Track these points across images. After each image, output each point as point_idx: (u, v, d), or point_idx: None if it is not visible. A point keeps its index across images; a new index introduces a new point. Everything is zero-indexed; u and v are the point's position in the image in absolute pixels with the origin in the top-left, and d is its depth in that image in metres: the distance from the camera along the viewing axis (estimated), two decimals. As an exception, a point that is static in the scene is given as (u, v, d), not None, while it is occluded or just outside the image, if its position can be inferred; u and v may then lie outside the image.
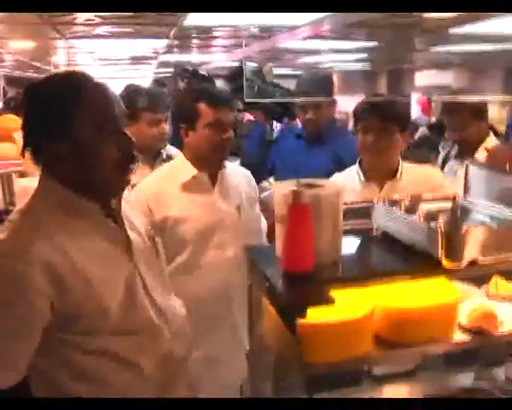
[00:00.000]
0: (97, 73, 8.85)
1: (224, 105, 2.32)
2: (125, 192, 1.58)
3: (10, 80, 10.48)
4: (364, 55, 6.85)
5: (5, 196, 2.44)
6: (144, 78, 8.34)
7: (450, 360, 2.47)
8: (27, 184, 2.38)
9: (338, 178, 2.45)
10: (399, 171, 2.39)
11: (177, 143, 2.60)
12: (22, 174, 2.56)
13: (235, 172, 2.49)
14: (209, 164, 2.35)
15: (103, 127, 1.43)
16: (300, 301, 1.32)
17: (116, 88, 1.76)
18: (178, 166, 2.38)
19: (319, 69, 3.52)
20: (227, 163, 2.45)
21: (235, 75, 3.32)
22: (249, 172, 2.61)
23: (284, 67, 8.52)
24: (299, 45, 5.24)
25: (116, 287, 1.47)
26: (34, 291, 1.34)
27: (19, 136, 2.75)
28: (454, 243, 1.47)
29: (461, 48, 5.86)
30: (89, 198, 1.46)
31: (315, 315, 1.40)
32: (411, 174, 2.39)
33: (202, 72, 3.63)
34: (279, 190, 1.52)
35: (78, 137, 1.41)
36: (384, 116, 2.35)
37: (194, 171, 2.33)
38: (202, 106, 2.31)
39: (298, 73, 10.83)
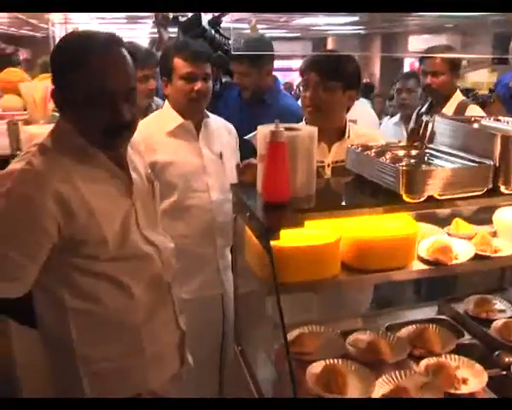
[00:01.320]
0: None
1: (197, 58, 2.45)
2: (132, 139, 1.78)
3: (5, 37, 10.55)
4: (357, 19, 6.99)
5: (12, 143, 2.61)
6: (140, 38, 8.43)
7: (418, 296, 2.72)
8: (34, 131, 2.57)
9: None
10: (347, 131, 2.36)
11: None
12: (27, 122, 2.73)
13: (216, 122, 2.65)
14: (189, 113, 2.50)
15: (110, 87, 1.59)
16: (274, 224, 1.53)
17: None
18: (166, 115, 2.54)
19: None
20: (209, 114, 2.60)
21: (190, 25, 3.20)
22: (230, 124, 2.74)
23: (278, 29, 8.61)
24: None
25: (114, 220, 1.68)
26: (45, 215, 1.55)
27: (25, 87, 2.93)
28: (413, 180, 1.67)
29: (452, 13, 6.00)
30: (94, 143, 1.65)
31: (288, 240, 1.62)
32: (358, 135, 2.38)
33: (182, 18, 3.56)
34: (261, 131, 1.72)
35: (87, 91, 1.58)
36: (322, 72, 2.26)
37: (180, 119, 2.49)
38: (177, 60, 2.45)
39: (291, 35, 10.84)
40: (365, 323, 2.17)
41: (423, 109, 3.41)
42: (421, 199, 1.70)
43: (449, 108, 3.23)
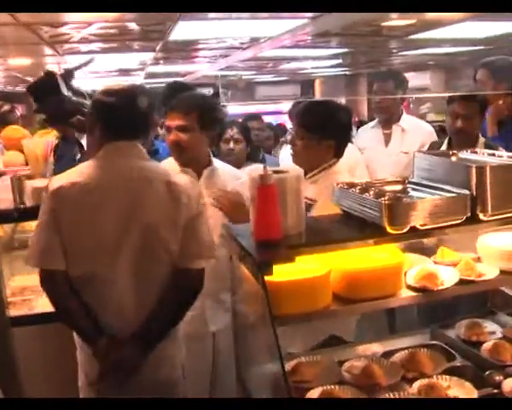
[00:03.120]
0: (89, 85, 9.17)
1: (172, 111, 2.66)
2: None
3: (1, 95, 10.78)
4: (338, 61, 7.23)
5: (15, 197, 2.74)
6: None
7: (409, 323, 2.81)
8: (37, 184, 2.71)
9: None
10: (317, 174, 2.50)
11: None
12: (30, 177, 2.88)
13: (224, 170, 2.80)
14: (183, 162, 2.69)
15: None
16: (267, 261, 1.65)
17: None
18: (169, 163, 2.70)
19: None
20: (216, 162, 2.78)
21: (43, 90, 2.86)
22: (240, 171, 2.90)
23: (267, 74, 8.85)
24: (278, 53, 5.60)
25: None
26: None
27: (27, 143, 3.08)
28: (395, 212, 1.80)
29: (433, 51, 6.22)
30: None
31: (281, 275, 1.73)
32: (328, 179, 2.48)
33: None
34: (251, 175, 1.84)
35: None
36: (299, 122, 2.52)
37: (178, 168, 2.66)
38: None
39: (279, 79, 11.09)
40: (360, 351, 2.26)
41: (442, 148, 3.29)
42: (404, 230, 1.83)
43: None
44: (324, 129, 2.45)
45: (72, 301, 2.07)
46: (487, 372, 2.01)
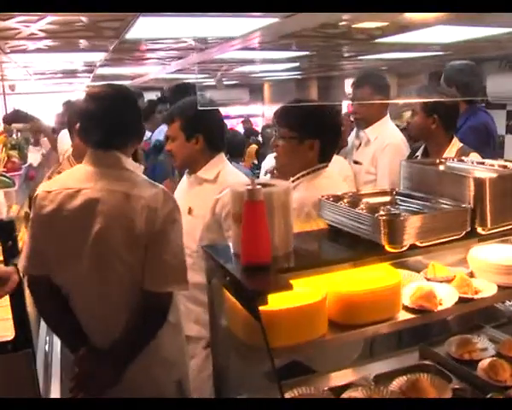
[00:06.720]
0: (32, 87, 8.69)
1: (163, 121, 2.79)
2: None
3: None
4: (295, 65, 7.09)
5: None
6: (78, 91, 8.23)
7: (398, 343, 2.67)
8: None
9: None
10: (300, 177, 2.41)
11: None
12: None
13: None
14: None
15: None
16: (262, 289, 1.44)
17: (51, 101, 2.18)
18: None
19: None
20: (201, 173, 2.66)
21: None
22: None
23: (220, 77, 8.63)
24: (233, 56, 5.39)
25: None
26: None
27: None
28: (395, 229, 1.63)
29: (386, 56, 6.15)
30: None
31: (275, 303, 1.53)
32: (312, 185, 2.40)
33: None
34: (235, 190, 1.63)
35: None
36: (277, 121, 2.45)
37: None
38: None
39: (230, 82, 10.88)
40: (351, 375, 2.09)
41: (418, 154, 3.26)
42: (404, 248, 1.67)
43: (448, 155, 2.98)
44: (305, 127, 2.36)
45: (50, 306, 2.10)
46: (489, 396, 1.88)
